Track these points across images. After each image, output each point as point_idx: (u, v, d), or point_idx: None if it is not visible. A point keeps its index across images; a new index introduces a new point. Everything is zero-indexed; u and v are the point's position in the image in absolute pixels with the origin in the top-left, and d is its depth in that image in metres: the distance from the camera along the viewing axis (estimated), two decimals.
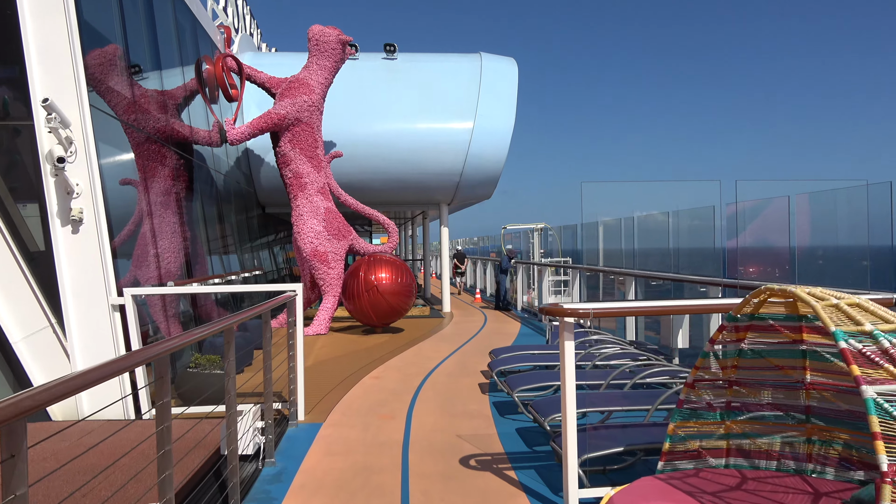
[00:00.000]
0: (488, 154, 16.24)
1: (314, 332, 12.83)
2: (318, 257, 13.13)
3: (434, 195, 16.97)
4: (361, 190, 16.00)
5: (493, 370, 7.47)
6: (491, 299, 21.68)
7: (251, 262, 14.80)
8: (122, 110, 8.14)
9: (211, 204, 12.39)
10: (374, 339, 12.38)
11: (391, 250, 14.32)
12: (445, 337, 12.57)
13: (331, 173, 14.03)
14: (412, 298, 12.87)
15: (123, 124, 8.14)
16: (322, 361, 9.91)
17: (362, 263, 12.74)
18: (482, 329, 13.74)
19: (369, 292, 12.40)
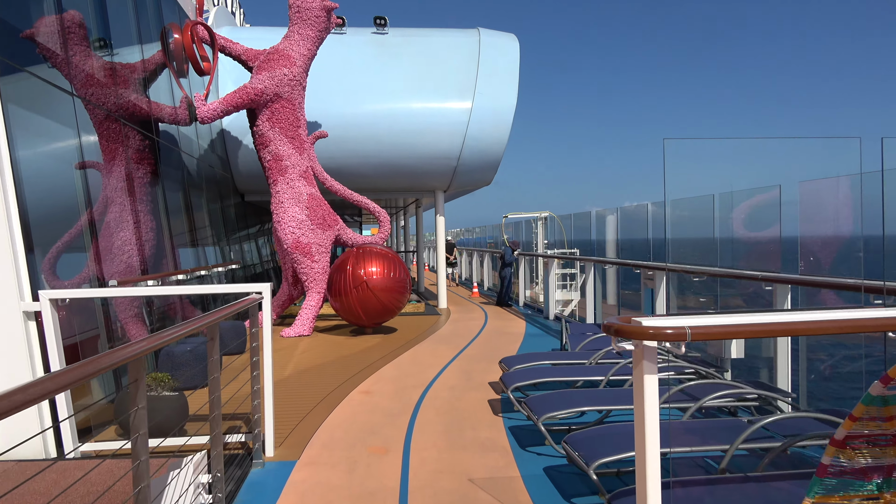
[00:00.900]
0: (488, 136, 14.85)
1: (296, 334, 11.44)
2: (301, 249, 11.73)
3: (429, 181, 15.58)
4: (349, 176, 14.61)
5: (508, 386, 6.11)
6: (489, 293, 20.34)
7: (228, 255, 13.38)
8: (75, 83, 6.79)
9: (180, 190, 10.97)
10: (364, 341, 11.01)
11: (382, 241, 12.94)
12: (444, 338, 11.22)
13: (315, 156, 12.60)
14: (406, 295, 11.50)
15: (75, 99, 6.75)
16: (302, 371, 8.53)
17: (350, 256, 11.34)
18: (484, 328, 12.39)
19: (358, 289, 11.01)
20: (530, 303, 16.60)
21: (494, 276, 21.78)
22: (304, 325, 11.57)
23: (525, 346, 10.31)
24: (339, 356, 9.58)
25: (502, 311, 15.41)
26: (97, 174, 7.87)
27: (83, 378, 2.18)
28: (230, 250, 13.69)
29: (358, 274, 11.06)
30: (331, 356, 9.59)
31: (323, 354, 9.75)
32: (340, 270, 11.26)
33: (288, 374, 8.32)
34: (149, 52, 10.50)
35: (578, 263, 16.35)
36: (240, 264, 13.31)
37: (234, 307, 4.57)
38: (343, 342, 10.90)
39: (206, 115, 11.31)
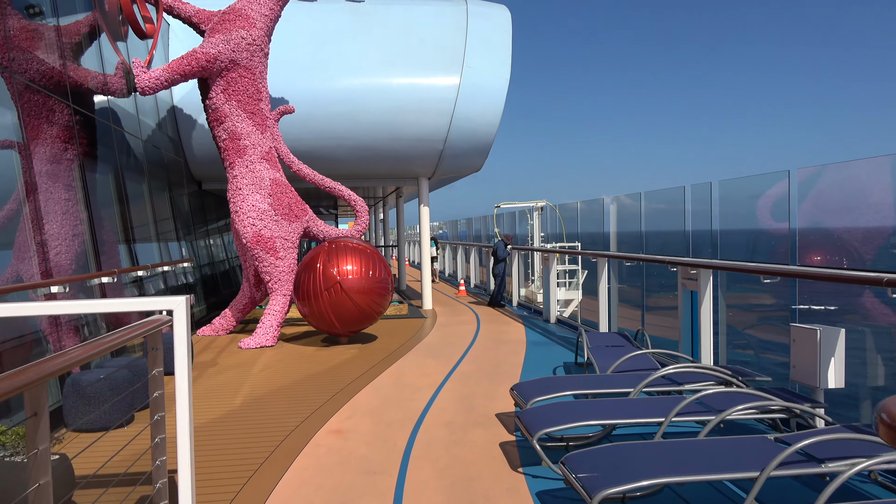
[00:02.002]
0: (478, 116, 13.15)
1: (257, 345, 9.65)
2: (263, 244, 9.93)
3: (412, 167, 13.83)
4: (321, 161, 12.82)
5: (532, 431, 4.42)
6: (477, 291, 18.66)
7: (179, 252, 11.52)
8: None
9: (120, 176, 9.15)
10: (338, 353, 9.26)
11: (360, 235, 11.18)
12: (432, 348, 9.51)
13: (279, 135, 10.79)
14: (388, 297, 9.77)
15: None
16: (258, 398, 6.76)
17: (321, 252, 9.57)
18: (477, 335, 10.70)
19: (330, 291, 9.25)
20: (525, 303, 14.95)
21: (482, 272, 20.11)
22: (266, 334, 9.78)
23: (531, 358, 8.64)
24: (307, 375, 7.82)
25: (495, 312, 13.73)
26: (15, 156, 6.29)
27: None
28: (183, 246, 11.84)
29: (330, 273, 9.29)
30: (296, 374, 7.83)
31: (286, 372, 7.98)
32: (309, 269, 9.48)
33: (239, 403, 6.55)
34: (80, 12, 8.67)
35: (580, 258, 14.75)
36: (193, 262, 11.46)
37: (116, 338, 2.83)
38: (313, 355, 9.14)
39: (146, 85, 9.46)
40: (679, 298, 7.10)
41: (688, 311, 7.03)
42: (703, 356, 6.60)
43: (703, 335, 6.59)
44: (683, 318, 7.05)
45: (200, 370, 8.12)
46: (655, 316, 12.24)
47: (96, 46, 9.16)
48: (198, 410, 6.21)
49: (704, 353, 6.60)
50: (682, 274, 7.02)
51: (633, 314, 10.31)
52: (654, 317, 11.94)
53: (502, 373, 7.77)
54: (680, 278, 7.06)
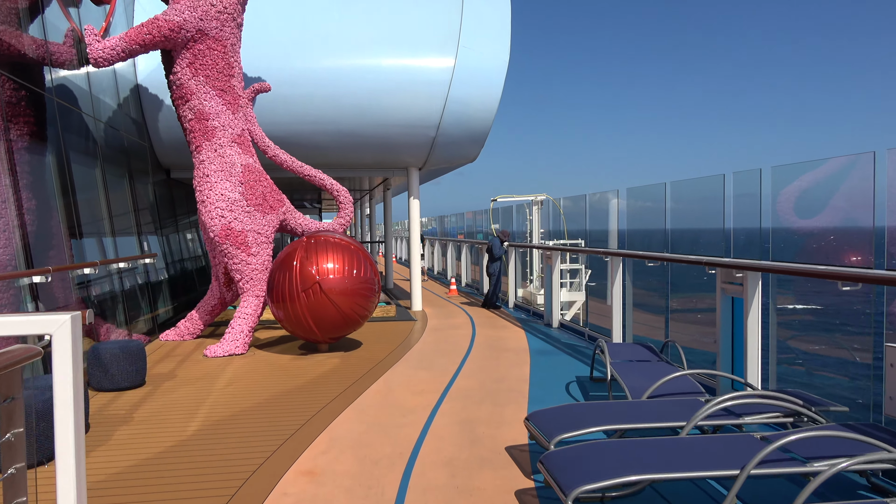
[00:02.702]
0: (474, 100, 12.04)
1: (224, 353, 8.50)
2: (233, 238, 8.78)
3: (401, 156, 12.70)
4: (301, 147, 11.67)
5: (567, 490, 3.31)
6: (469, 291, 17.56)
7: (142, 247, 10.31)
8: None
9: (67, 160, 7.96)
10: (316, 363, 8.13)
11: (343, 229, 10.04)
12: (424, 358, 8.40)
13: (253, 116, 9.63)
14: (374, 300, 8.65)
15: None
16: (217, 423, 5.62)
17: (298, 249, 8.42)
18: (474, 342, 9.61)
19: (308, 292, 8.11)
20: (522, 304, 13.87)
21: (474, 270, 19.03)
22: (235, 340, 8.63)
23: (537, 371, 7.55)
24: (279, 391, 6.69)
25: (490, 314, 12.64)
26: None
27: None
28: (146, 241, 10.63)
29: (308, 272, 8.15)
30: (266, 391, 6.69)
31: (255, 388, 6.84)
32: (285, 268, 8.33)
33: (190, 432, 5.40)
34: None
35: (583, 257, 13.69)
36: (155, 257, 10.25)
37: None
38: (288, 366, 8.00)
39: (100, 55, 8.27)
40: (717, 306, 6.04)
41: (727, 320, 5.98)
42: (748, 374, 5.55)
43: (750, 350, 5.54)
44: (723, 330, 5.99)
45: (154, 385, 6.97)
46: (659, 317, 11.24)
47: (40, 9, 7.97)
48: (132, 444, 5.07)
49: (751, 371, 5.54)
50: (722, 277, 5.96)
51: (645, 318, 9.26)
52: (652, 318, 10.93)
53: (506, 389, 6.68)
54: (720, 282, 6.00)
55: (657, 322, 9.34)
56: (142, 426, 5.51)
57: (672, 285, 10.31)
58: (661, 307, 8.99)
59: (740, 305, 5.81)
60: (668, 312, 7.76)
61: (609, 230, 11.47)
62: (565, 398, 6.36)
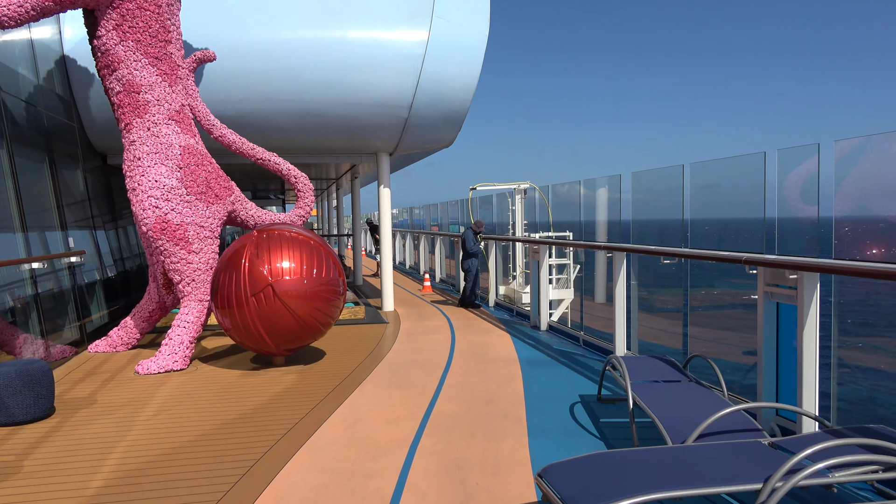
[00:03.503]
0: (450, 78, 10.79)
1: (160, 369, 7.18)
2: (170, 233, 7.44)
3: (370, 139, 11.40)
4: (256, 129, 10.31)
5: None
6: (444, 287, 16.36)
7: (66, 243, 8.86)
8: None
9: None
10: (269, 381, 6.85)
11: (303, 221, 8.74)
12: (398, 371, 7.17)
13: (195, 89, 8.28)
14: (338, 304, 7.38)
15: None
16: (126, 477, 4.32)
17: (247, 245, 7.10)
18: (454, 349, 8.41)
19: (259, 297, 6.82)
20: (504, 302, 12.71)
21: (449, 264, 17.84)
22: (173, 354, 7.30)
23: (533, 388, 6.38)
24: (218, 423, 5.40)
25: (470, 315, 11.45)
26: None
27: None
28: (74, 236, 9.18)
29: (258, 273, 6.85)
30: (202, 423, 5.40)
31: (189, 418, 5.55)
32: (231, 267, 7.01)
33: (94, 486, 4.11)
34: None
35: (570, 251, 12.58)
36: (83, 255, 8.84)
37: None
38: (234, 384, 6.71)
39: (3, 14, 6.83)
40: (759, 314, 4.92)
41: (771, 331, 4.87)
42: (803, 401, 4.43)
43: (807, 371, 4.42)
44: (766, 343, 4.88)
45: (64, 415, 5.63)
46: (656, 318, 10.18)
47: None
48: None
49: (807, 397, 4.43)
50: (767, 279, 4.84)
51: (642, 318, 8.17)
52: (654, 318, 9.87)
53: (499, 415, 5.50)
54: (763, 285, 4.87)
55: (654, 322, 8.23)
56: (28, 479, 4.20)
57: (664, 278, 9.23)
58: (656, 305, 7.89)
59: (790, 314, 4.69)
60: (687, 318, 6.64)
61: (597, 221, 10.39)
62: (572, 426, 5.20)
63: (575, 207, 11.27)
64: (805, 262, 4.39)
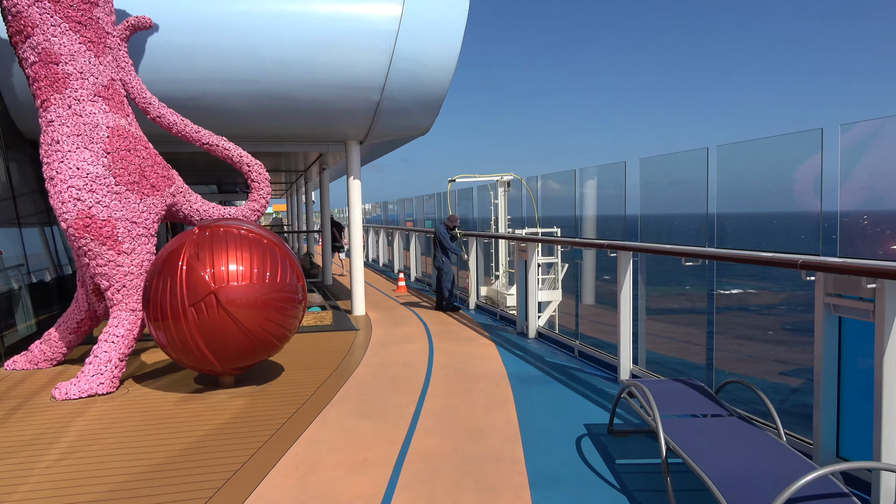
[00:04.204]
0: (427, 57, 9.71)
1: (81, 393, 6.01)
2: (95, 230, 6.25)
3: (337, 125, 10.26)
4: (209, 113, 9.12)
5: None
6: (419, 287, 15.29)
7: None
8: None
9: None
10: (211, 409, 5.72)
11: (257, 216, 7.60)
12: (368, 392, 6.09)
13: (129, 62, 7.08)
14: (297, 313, 6.26)
15: None
16: None
17: (186, 244, 5.94)
18: (433, 361, 7.35)
19: (200, 307, 5.68)
20: (487, 304, 11.67)
21: (424, 262, 16.77)
22: (99, 374, 6.12)
23: (528, 415, 5.34)
24: (135, 472, 4.27)
25: (448, 319, 10.40)
26: None
27: None
28: None
29: (199, 278, 5.70)
30: (116, 471, 4.27)
31: (102, 465, 4.40)
32: (166, 272, 5.85)
33: None
34: None
35: (558, 249, 11.57)
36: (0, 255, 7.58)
37: None
38: (169, 413, 5.56)
39: None
40: (817, 332, 3.93)
41: (833, 354, 3.89)
42: (883, 449, 3.46)
43: (888, 407, 3.44)
44: (826, 369, 3.90)
45: None
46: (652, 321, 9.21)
47: None
48: None
49: (888, 442, 3.46)
50: (829, 287, 3.85)
51: None
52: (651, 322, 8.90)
53: (491, 455, 4.45)
54: (823, 295, 3.88)
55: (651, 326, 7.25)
56: None
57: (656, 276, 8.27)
58: (650, 306, 6.90)
59: (860, 331, 3.72)
60: (713, 331, 5.64)
61: (584, 216, 9.41)
62: (583, 473, 4.17)
63: (562, 202, 10.27)
64: (889, 268, 3.39)
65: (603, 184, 7.85)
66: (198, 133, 7.30)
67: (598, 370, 6.92)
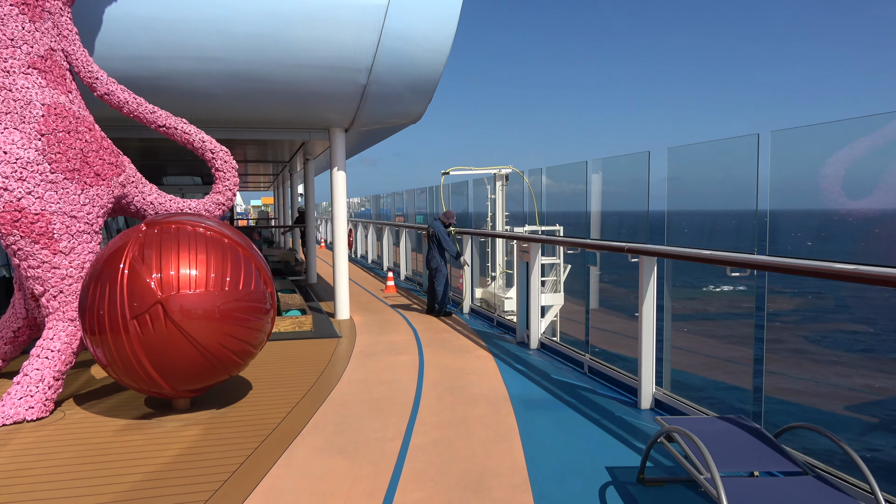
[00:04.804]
0: (419, 35, 8.78)
1: (5, 420, 5.06)
2: (25, 226, 5.29)
3: (320, 110, 9.31)
4: (174, 95, 8.17)
5: None
6: (409, 287, 14.37)
7: None
8: None
9: None
10: (159, 440, 4.78)
11: (221, 210, 6.64)
12: (345, 421, 5.17)
13: (72, 30, 6.10)
14: (263, 325, 5.34)
15: None
16: None
17: (130, 244, 4.99)
18: (423, 378, 6.44)
19: (144, 319, 4.74)
20: (482, 307, 10.76)
21: (415, 259, 15.85)
22: (28, 397, 5.17)
23: (536, 452, 4.44)
24: None
25: (441, 325, 9.49)
26: None
27: None
28: None
29: (143, 285, 4.76)
30: None
31: None
32: (104, 277, 4.91)
33: None
34: None
35: (560, 249, 10.64)
36: None
37: None
38: (105, 447, 4.63)
39: None
40: None
41: None
42: None
43: None
44: None
45: None
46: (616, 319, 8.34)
47: None
48: None
49: None
50: None
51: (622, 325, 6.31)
52: None
53: None
54: None
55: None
56: None
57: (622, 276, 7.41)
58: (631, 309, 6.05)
59: None
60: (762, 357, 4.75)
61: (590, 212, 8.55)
62: None
63: (566, 197, 9.38)
64: None
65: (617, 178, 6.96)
66: (153, 114, 6.33)
67: (614, 391, 6.03)
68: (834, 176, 4.99)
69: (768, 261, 4.04)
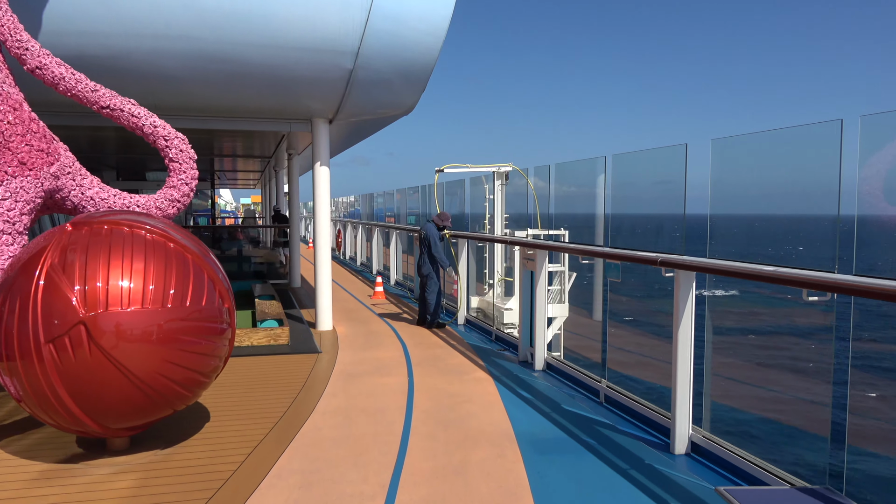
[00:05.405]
0: (412, 16, 7.85)
1: None
2: None
3: (301, 98, 8.36)
4: (135, 78, 7.22)
5: None
6: (399, 292, 13.43)
7: None
8: None
9: None
10: (80, 495, 3.82)
11: (176, 208, 5.65)
12: (316, 467, 4.22)
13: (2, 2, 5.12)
14: (218, 349, 4.38)
15: None
16: None
17: (48, 250, 4.03)
18: (412, 408, 5.50)
19: (62, 343, 3.78)
20: (478, 318, 9.81)
21: (406, 261, 14.92)
22: None
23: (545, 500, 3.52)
24: None
25: (433, 338, 8.54)
26: None
27: None
28: None
29: (63, 300, 3.80)
30: None
31: None
32: (15, 290, 3.94)
33: None
34: None
35: (564, 257, 9.72)
36: None
37: None
38: (19, 499, 3.67)
39: None
40: None
41: None
42: None
43: None
44: None
45: None
46: None
47: None
48: None
49: None
50: None
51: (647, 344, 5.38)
52: None
53: None
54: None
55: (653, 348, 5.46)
56: None
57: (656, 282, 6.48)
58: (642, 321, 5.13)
59: None
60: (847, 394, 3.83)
61: (596, 215, 7.71)
62: None
63: (577, 198, 8.48)
64: None
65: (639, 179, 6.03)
66: (94, 93, 5.36)
67: (639, 429, 5.11)
68: (875, 178, 4.18)
69: (859, 283, 3.12)
